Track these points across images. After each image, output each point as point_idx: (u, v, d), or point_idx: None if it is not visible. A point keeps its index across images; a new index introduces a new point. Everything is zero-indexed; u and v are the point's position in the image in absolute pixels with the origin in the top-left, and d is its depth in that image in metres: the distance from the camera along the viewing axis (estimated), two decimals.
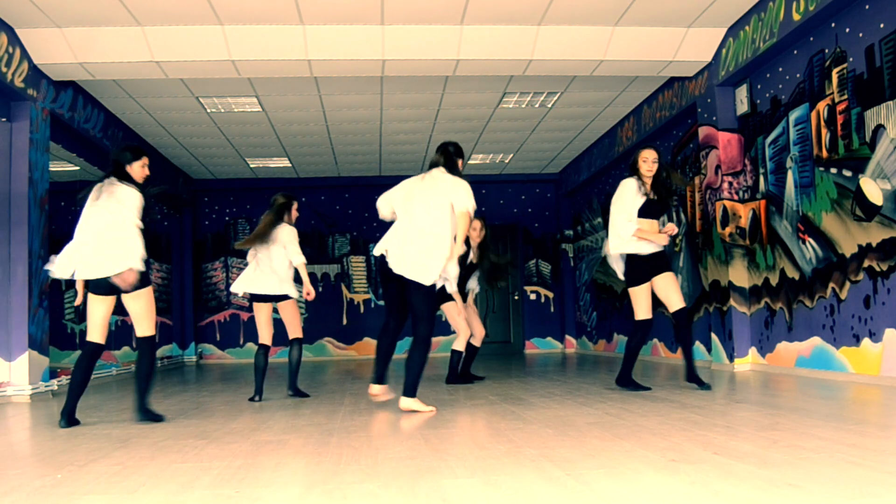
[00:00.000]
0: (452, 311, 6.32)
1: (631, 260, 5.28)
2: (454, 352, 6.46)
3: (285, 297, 5.65)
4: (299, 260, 5.54)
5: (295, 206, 5.76)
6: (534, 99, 8.68)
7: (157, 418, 4.36)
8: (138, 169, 4.46)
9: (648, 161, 5.24)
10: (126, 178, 4.40)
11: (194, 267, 12.29)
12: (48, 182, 6.88)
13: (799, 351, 6.18)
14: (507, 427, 3.67)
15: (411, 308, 4.51)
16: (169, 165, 11.02)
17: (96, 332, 4.35)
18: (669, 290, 5.27)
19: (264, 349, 5.66)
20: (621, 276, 5.40)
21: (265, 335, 5.68)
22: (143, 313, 4.39)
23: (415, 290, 4.43)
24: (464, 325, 6.32)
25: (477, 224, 6.46)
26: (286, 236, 5.54)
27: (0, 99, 6.35)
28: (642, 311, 5.26)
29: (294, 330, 5.79)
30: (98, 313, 4.34)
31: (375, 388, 4.65)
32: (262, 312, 5.67)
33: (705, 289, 7.56)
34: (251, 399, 5.50)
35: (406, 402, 4.44)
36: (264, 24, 6.43)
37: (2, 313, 6.32)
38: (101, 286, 4.28)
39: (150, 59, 6.59)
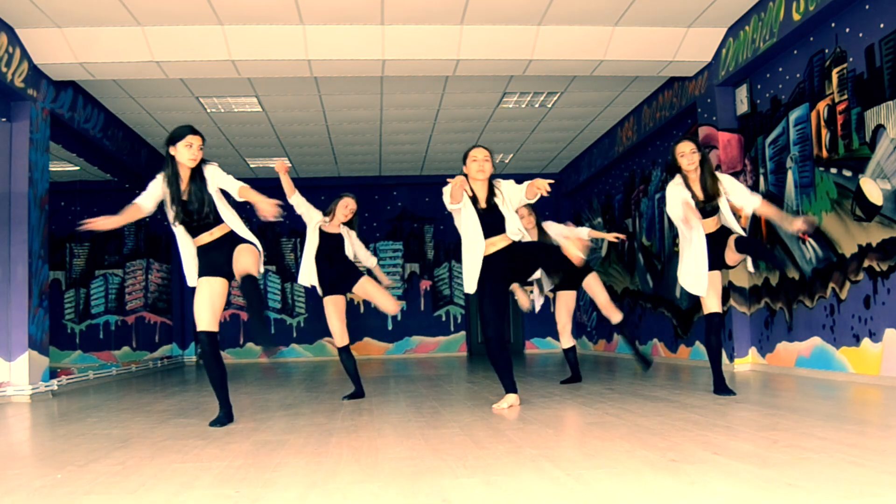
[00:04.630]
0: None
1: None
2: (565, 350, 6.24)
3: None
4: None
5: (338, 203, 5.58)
6: (534, 99, 8.68)
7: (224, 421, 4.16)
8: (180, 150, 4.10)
9: (687, 155, 4.63)
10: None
11: None
12: (48, 182, 6.88)
13: (799, 351, 6.18)
14: (507, 427, 3.67)
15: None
16: None
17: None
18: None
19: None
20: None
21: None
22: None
23: None
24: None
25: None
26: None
27: (0, 99, 6.35)
28: (710, 303, 4.76)
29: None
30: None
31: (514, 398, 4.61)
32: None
33: None
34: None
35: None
36: (264, 24, 6.43)
37: (2, 313, 6.32)
38: None
39: (150, 59, 6.59)
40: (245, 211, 4.86)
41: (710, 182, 4.66)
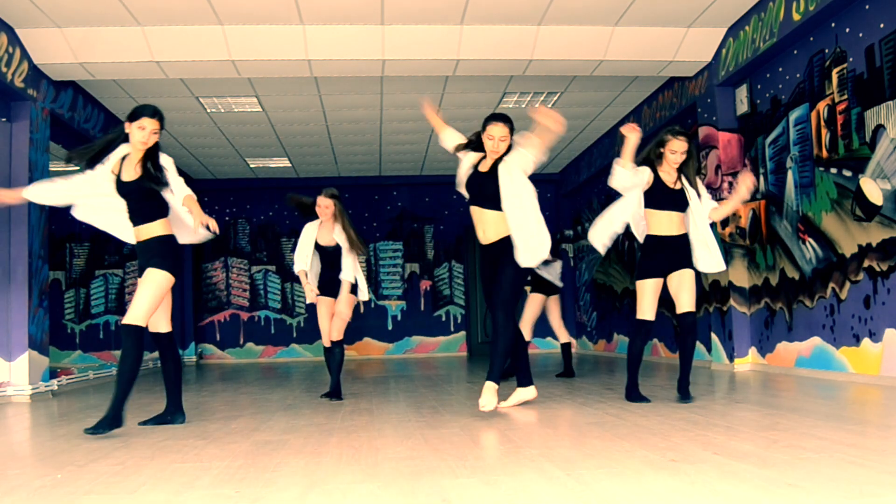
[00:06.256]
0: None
1: (645, 248, 4.76)
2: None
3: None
4: None
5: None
6: (534, 99, 8.68)
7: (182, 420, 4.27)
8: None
9: (678, 154, 4.57)
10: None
11: (194, 267, 12.29)
12: None
13: (799, 351, 6.18)
14: (507, 427, 3.67)
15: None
16: None
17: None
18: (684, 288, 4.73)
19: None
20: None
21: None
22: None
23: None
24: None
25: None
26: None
27: (0, 99, 6.35)
28: (645, 309, 4.71)
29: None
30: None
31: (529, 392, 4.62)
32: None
33: (705, 289, 7.55)
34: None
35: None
36: (264, 24, 6.43)
37: (2, 313, 6.32)
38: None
39: (150, 59, 6.59)
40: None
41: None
